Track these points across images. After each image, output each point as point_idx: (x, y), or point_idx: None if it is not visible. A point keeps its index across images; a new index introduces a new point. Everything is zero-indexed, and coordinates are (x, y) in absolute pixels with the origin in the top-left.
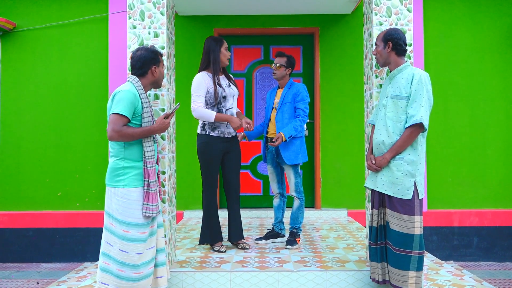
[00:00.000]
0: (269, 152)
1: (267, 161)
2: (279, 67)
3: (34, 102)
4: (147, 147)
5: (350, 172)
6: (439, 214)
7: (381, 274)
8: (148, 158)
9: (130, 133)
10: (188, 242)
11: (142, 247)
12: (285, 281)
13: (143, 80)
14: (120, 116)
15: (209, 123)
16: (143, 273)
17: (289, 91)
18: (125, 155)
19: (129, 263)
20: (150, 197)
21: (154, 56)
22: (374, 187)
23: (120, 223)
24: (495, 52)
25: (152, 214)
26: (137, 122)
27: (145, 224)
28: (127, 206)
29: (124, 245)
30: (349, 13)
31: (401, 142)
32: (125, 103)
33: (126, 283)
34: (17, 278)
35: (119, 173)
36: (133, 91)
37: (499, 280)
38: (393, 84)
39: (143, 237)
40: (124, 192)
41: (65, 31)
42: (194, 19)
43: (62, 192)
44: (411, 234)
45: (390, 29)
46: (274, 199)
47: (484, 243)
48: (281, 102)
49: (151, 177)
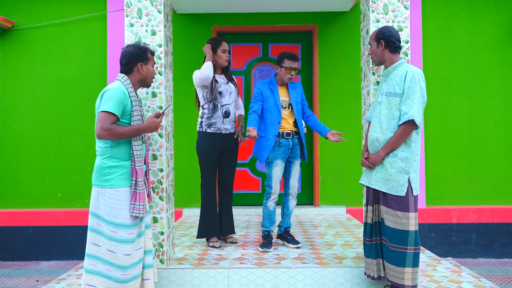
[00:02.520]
0: (281, 146)
1: (276, 156)
2: (296, 71)
3: (33, 101)
4: (135, 145)
5: (349, 169)
6: (437, 211)
7: (376, 271)
8: (137, 157)
9: (119, 132)
10: (187, 239)
11: (130, 248)
12: (282, 278)
13: (130, 77)
14: (109, 114)
15: (206, 120)
16: (131, 275)
17: (296, 91)
18: (111, 154)
19: (117, 263)
20: (137, 197)
21: (141, 53)
22: (368, 184)
23: (108, 224)
24: (493, 49)
25: (139, 214)
26: (126, 120)
27: (133, 225)
28: (114, 206)
29: (112, 246)
30: (347, 10)
31: (394, 139)
32: (114, 101)
33: (114, 284)
34: (17, 276)
35: (106, 173)
36: (122, 89)
37: (497, 276)
38: (388, 81)
39: (130, 238)
40: (111, 192)
41: (63, 29)
42: (192, 17)
43: (62, 193)
44: (405, 230)
45: (382, 28)
46: (271, 201)
47: (483, 240)
48: (294, 102)
49: (139, 176)
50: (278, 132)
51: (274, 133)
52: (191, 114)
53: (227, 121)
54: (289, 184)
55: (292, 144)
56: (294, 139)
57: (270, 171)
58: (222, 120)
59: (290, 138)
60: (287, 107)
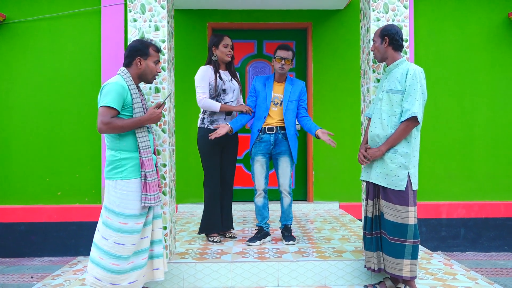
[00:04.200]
0: (262, 141)
1: (257, 152)
2: (288, 61)
3: (25, 95)
4: (140, 137)
5: (342, 165)
6: (428, 206)
7: (376, 263)
8: (143, 149)
9: (119, 125)
10: (185, 234)
11: (136, 238)
12: (285, 271)
13: (130, 71)
14: (108, 108)
15: (208, 117)
16: (134, 263)
17: (294, 88)
18: (120, 147)
19: (124, 255)
20: (148, 187)
21: (141, 48)
22: (368, 179)
23: (118, 216)
24: (483, 49)
25: (151, 203)
26: (128, 113)
27: (142, 215)
28: (125, 198)
29: (120, 238)
30: (342, 8)
31: (396, 135)
32: (113, 95)
33: (120, 276)
34: (10, 272)
35: (117, 165)
36: (121, 83)
37: (485, 269)
38: (389, 79)
39: (138, 228)
40: (122, 184)
41: (56, 23)
42: (188, 13)
43: (54, 189)
44: (405, 224)
45: (387, 25)
46: (257, 197)
47: (471, 234)
48: (287, 99)
49: (147, 167)
50: (262, 127)
51: (258, 127)
52: (184, 110)
53: (229, 119)
54: (279, 182)
55: (274, 140)
56: (278, 135)
57: (252, 167)
58: (224, 117)
59: (273, 134)
60: (279, 104)
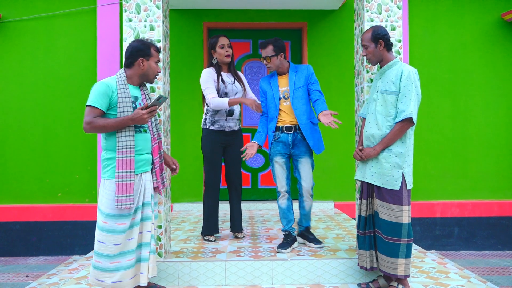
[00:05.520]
0: (279, 141)
1: (275, 152)
2: (268, 58)
3: (20, 94)
4: (119, 137)
5: (337, 165)
6: (422, 205)
7: (369, 262)
8: (119, 149)
9: (101, 124)
10: (181, 233)
11: (120, 238)
12: (279, 270)
13: (130, 71)
14: (91, 108)
15: (209, 118)
16: (120, 263)
17: (299, 75)
18: (107, 146)
19: (106, 253)
20: (121, 189)
21: (143, 48)
22: (363, 179)
23: (102, 214)
24: (477, 49)
25: (123, 205)
26: (114, 112)
27: (122, 216)
28: (107, 197)
29: (102, 236)
30: (336, 9)
31: (391, 135)
32: (95, 94)
33: (103, 273)
34: (5, 271)
35: (105, 165)
36: (108, 82)
37: (479, 268)
38: (383, 80)
39: (121, 228)
40: (107, 183)
41: (52, 22)
42: (183, 13)
43: (51, 188)
44: (399, 223)
45: (377, 28)
46: (281, 199)
47: (464, 233)
48: (293, 88)
49: (122, 167)
50: (277, 126)
51: (272, 128)
52: (179, 110)
53: (231, 119)
54: (300, 185)
55: (292, 140)
56: (297, 135)
57: (272, 169)
58: (226, 118)
59: (291, 133)
60: (289, 97)
